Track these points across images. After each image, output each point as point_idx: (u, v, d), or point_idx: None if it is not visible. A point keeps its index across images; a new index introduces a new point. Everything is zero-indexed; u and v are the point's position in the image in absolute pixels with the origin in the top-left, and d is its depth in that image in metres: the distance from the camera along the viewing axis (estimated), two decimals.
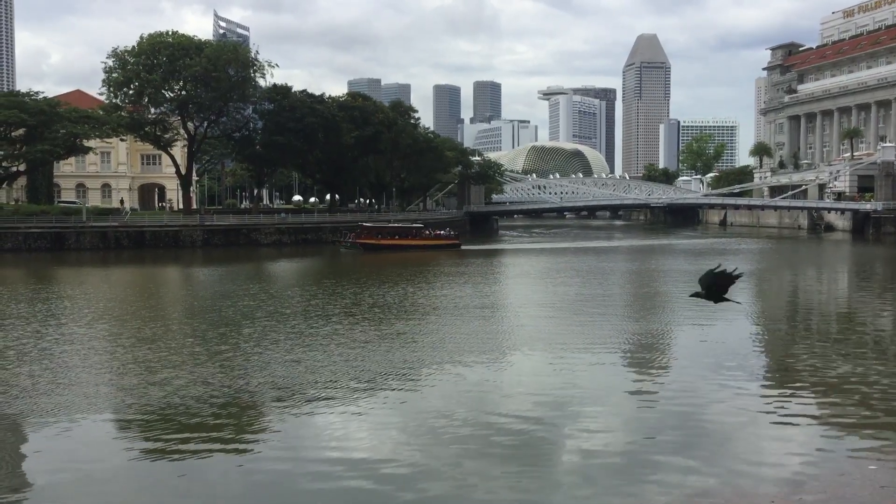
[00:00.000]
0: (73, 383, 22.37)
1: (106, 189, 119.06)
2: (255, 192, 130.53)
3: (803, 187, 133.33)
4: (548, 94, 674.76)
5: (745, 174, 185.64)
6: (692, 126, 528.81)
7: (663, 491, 14.71)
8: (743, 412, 19.75)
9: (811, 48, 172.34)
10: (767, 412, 19.91)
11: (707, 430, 18.42)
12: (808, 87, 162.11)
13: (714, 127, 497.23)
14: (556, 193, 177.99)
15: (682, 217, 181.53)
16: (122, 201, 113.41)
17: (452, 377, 23.29)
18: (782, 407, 20.37)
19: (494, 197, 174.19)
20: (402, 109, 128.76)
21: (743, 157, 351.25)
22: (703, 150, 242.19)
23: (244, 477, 15.56)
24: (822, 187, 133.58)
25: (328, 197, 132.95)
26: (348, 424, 18.91)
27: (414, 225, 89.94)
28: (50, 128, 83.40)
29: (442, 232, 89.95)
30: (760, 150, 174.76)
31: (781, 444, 17.42)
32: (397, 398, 21.07)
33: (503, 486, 14.97)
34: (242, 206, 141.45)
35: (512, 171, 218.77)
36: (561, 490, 14.97)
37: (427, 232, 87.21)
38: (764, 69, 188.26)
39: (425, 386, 22.46)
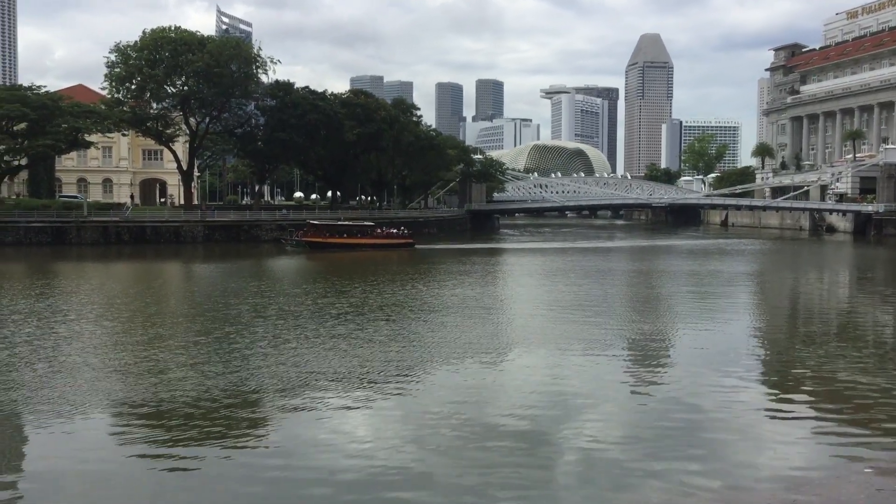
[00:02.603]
0: (74, 380, 22.35)
1: (107, 184, 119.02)
2: (257, 188, 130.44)
3: (805, 188, 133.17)
4: (550, 93, 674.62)
5: (746, 175, 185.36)
6: (694, 126, 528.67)
7: (661, 489, 14.72)
8: (741, 412, 19.73)
9: (814, 49, 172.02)
10: (765, 413, 19.92)
11: (705, 429, 18.42)
12: (811, 89, 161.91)
13: (716, 127, 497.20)
14: (557, 192, 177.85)
15: (684, 217, 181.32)
16: (132, 196, 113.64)
17: (452, 376, 23.27)
18: (780, 408, 20.37)
19: (496, 195, 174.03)
20: (404, 107, 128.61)
21: (745, 157, 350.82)
22: (706, 151, 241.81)
23: (246, 474, 15.54)
24: (823, 188, 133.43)
25: (329, 194, 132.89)
26: (348, 422, 18.90)
27: (364, 223, 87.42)
28: (52, 122, 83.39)
29: (395, 231, 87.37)
30: (762, 151, 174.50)
31: (779, 444, 17.39)
32: (398, 397, 21.04)
33: (504, 484, 14.95)
34: (243, 202, 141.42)
35: (514, 170, 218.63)
36: (561, 488, 14.96)
37: (379, 230, 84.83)
38: (767, 70, 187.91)
39: (426, 385, 22.42)
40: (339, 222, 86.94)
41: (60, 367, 23.81)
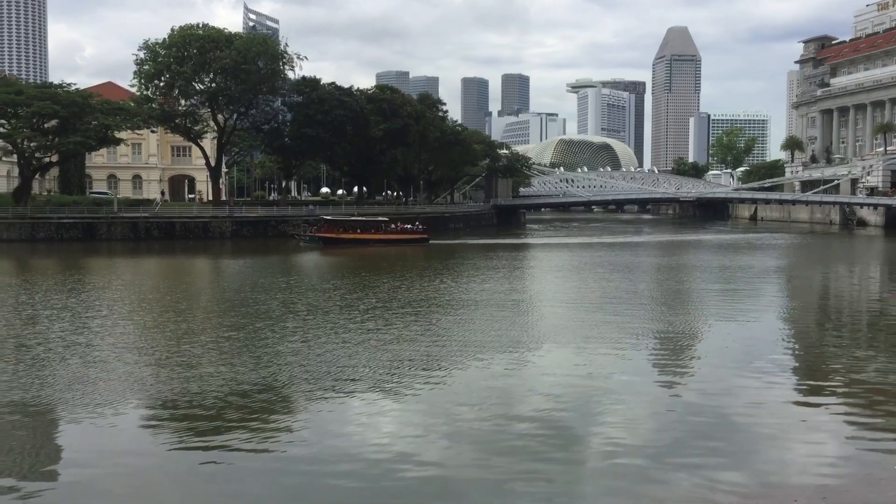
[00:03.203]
0: (108, 375, 22.67)
1: (137, 180, 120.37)
2: (284, 184, 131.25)
3: (835, 182, 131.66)
4: (576, 87, 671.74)
5: (776, 168, 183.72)
6: (723, 120, 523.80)
7: (687, 486, 14.69)
8: (770, 409, 19.61)
9: (844, 41, 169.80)
10: (795, 410, 19.77)
11: (733, 426, 18.32)
12: (841, 81, 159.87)
13: (745, 121, 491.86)
14: (583, 187, 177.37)
15: (712, 212, 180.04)
16: (162, 192, 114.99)
17: (481, 371, 23.32)
18: (810, 405, 20.22)
19: (522, 190, 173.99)
20: (430, 102, 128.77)
21: (774, 151, 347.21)
22: (734, 144, 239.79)
23: (276, 468, 15.70)
24: (854, 182, 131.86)
25: (356, 189, 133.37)
26: (377, 417, 19.02)
27: (378, 218, 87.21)
28: (82, 119, 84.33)
29: (409, 226, 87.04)
30: (792, 145, 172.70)
31: (808, 442, 17.30)
32: (427, 392, 21.12)
33: (529, 479, 14.99)
34: (271, 197, 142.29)
35: (539, 165, 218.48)
36: (587, 484, 14.99)
37: (393, 226, 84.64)
38: (796, 62, 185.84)
39: (455, 380, 22.47)
40: (353, 218, 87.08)
41: (94, 361, 24.15)
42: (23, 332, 29.28)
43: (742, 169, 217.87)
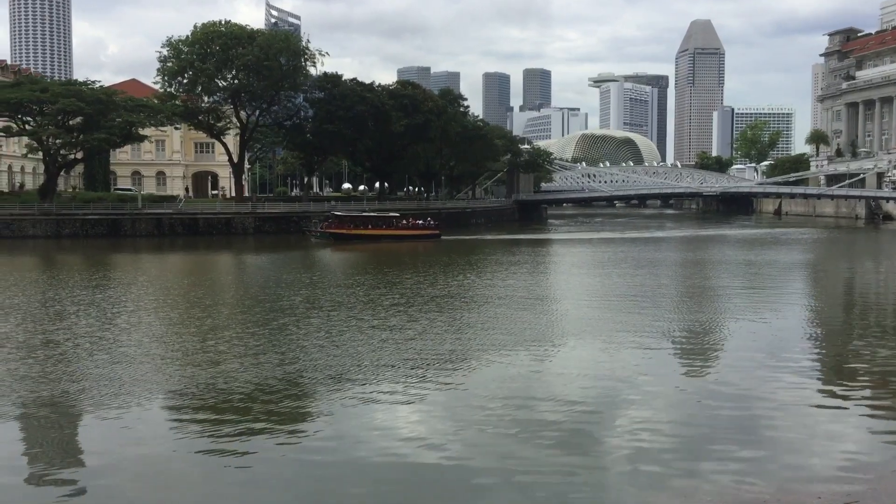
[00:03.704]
0: (134, 370, 22.89)
1: (161, 177, 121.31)
2: (306, 180, 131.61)
3: (861, 176, 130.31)
4: (598, 82, 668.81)
5: (800, 162, 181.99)
6: (747, 113, 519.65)
7: (710, 482, 14.66)
8: (794, 406, 19.50)
9: (870, 34, 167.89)
10: (820, 406, 19.65)
11: (757, 422, 18.24)
12: (867, 74, 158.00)
13: (769, 114, 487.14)
14: (605, 182, 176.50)
15: (736, 206, 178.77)
16: (186, 189, 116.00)
17: (504, 367, 23.33)
18: (834, 401, 20.05)
19: (543, 185, 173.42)
20: (451, 97, 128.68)
21: (799, 145, 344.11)
22: (758, 138, 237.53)
23: (300, 464, 15.85)
24: (880, 176, 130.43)
25: (377, 185, 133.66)
26: (401, 413, 19.09)
27: (389, 214, 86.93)
28: (106, 116, 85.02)
29: (420, 222, 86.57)
30: (817, 138, 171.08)
31: (832, 438, 17.20)
32: (450, 388, 21.15)
33: (553, 474, 15.00)
34: (293, 193, 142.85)
35: (561, 160, 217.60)
36: (609, 480, 14.96)
37: (404, 221, 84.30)
38: (821, 55, 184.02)
39: (478, 376, 22.52)
40: (364, 213, 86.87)
41: (121, 357, 24.37)
42: (51, 327, 29.61)
43: (766, 163, 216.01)
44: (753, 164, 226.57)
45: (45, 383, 21.21)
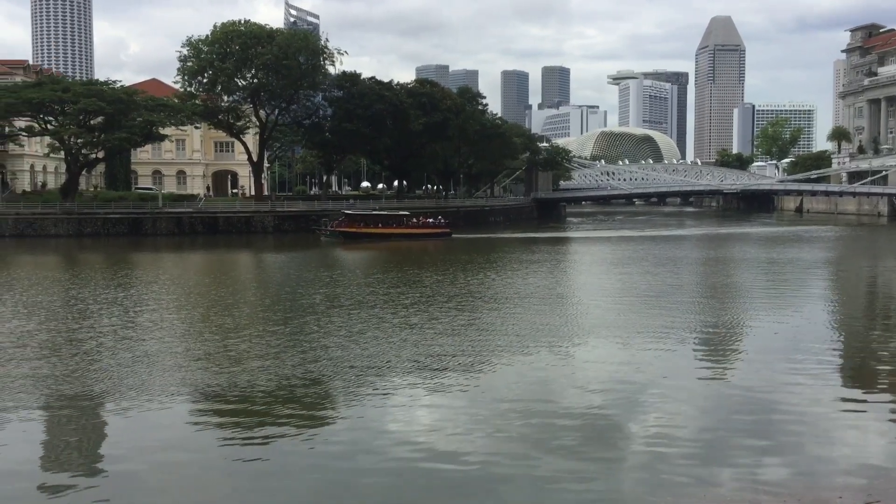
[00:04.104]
0: (156, 368, 23.05)
1: (181, 176, 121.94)
2: (325, 178, 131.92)
3: (883, 173, 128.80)
4: (618, 79, 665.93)
5: (822, 160, 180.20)
6: (767, 110, 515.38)
7: (732, 480, 14.63)
8: (815, 404, 19.43)
9: (892, 29, 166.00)
10: (841, 406, 19.49)
11: (778, 420, 18.14)
12: (890, 70, 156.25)
13: (790, 111, 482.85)
14: (625, 180, 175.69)
15: (757, 204, 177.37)
16: (208, 188, 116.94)
17: (524, 366, 23.30)
18: (856, 401, 19.87)
19: (562, 183, 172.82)
20: (469, 96, 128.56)
21: (820, 141, 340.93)
22: (779, 135, 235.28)
23: (317, 460, 15.91)
24: None
25: (396, 183, 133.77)
26: (422, 412, 19.14)
27: (399, 212, 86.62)
28: (127, 116, 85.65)
29: (431, 220, 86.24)
30: (839, 135, 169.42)
31: (854, 439, 17.09)
32: (471, 387, 21.14)
33: (573, 474, 14.96)
34: (312, 192, 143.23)
35: (580, 158, 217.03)
36: (630, 480, 14.91)
37: (414, 220, 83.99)
38: (843, 51, 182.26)
39: (494, 375, 22.52)
40: (374, 212, 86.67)
41: (143, 355, 24.54)
42: (74, 326, 29.87)
43: (787, 160, 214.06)
44: (774, 162, 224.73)
45: (68, 381, 21.38)
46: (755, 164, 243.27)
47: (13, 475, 15.26)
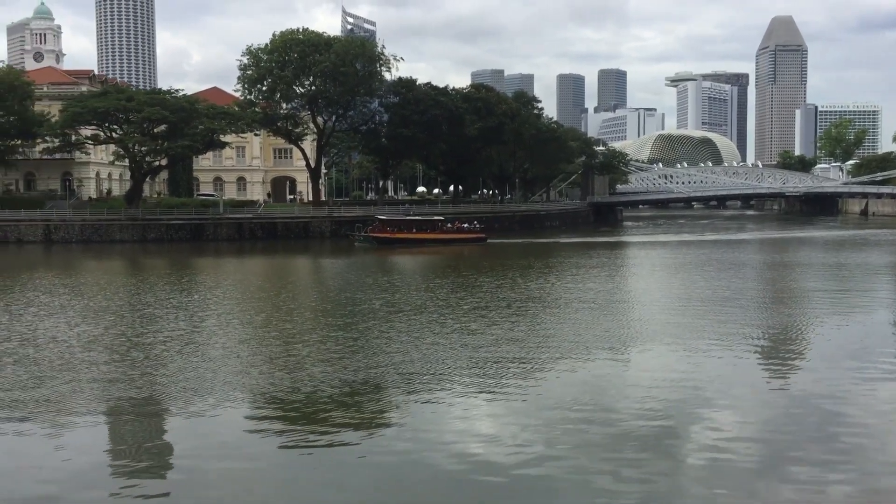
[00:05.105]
0: (222, 372, 23.41)
1: (241, 182, 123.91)
2: (381, 183, 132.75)
3: None
4: (675, 81, 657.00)
5: (888, 161, 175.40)
6: (831, 111, 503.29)
7: (793, 488, 14.42)
8: (880, 413, 18.95)
9: None
10: None
11: (842, 429, 17.76)
12: None
13: (854, 112, 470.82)
14: (683, 183, 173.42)
15: (820, 207, 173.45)
16: (268, 194, 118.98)
17: (582, 372, 23.15)
18: None
19: (619, 187, 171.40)
20: (525, 100, 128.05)
21: (886, 143, 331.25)
22: (843, 136, 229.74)
23: (375, 465, 15.97)
24: None
25: (451, 188, 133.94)
26: (478, 418, 19.11)
27: (433, 217, 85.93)
28: (189, 124, 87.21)
29: (466, 225, 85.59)
30: None
31: None
32: (529, 393, 21.05)
33: (629, 481, 14.80)
34: (368, 197, 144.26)
35: (637, 161, 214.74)
36: (687, 487, 14.72)
37: (449, 225, 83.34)
38: None
39: (554, 380, 22.39)
40: (408, 217, 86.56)
41: (209, 359, 24.96)
42: (141, 330, 30.51)
43: (852, 162, 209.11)
44: (838, 164, 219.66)
45: (136, 386, 21.81)
46: (818, 166, 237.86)
47: (81, 476, 15.65)
